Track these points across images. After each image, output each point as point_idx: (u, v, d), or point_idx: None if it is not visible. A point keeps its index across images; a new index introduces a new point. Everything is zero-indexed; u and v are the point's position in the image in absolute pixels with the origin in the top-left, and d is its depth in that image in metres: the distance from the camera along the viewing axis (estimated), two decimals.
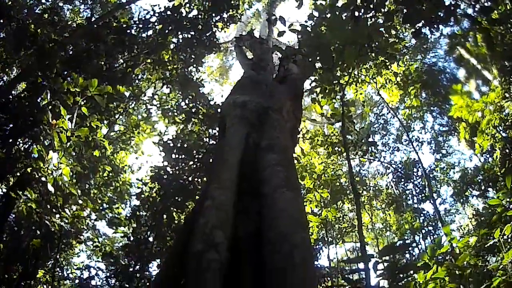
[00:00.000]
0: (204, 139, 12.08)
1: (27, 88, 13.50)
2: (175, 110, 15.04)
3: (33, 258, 9.59)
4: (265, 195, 5.23)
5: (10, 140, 11.41)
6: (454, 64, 24.96)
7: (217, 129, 10.41)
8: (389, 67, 17.52)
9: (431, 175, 24.37)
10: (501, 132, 17.81)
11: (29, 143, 11.54)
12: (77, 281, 14.79)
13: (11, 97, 13.56)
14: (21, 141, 11.77)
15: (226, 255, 4.54)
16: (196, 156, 11.49)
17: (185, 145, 11.74)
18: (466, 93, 20.65)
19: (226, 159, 6.07)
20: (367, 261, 5.65)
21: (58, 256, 11.72)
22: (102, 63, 14.04)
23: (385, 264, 6.33)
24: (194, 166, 11.40)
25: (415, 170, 23.83)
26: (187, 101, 14.61)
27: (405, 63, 22.71)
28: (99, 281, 13.64)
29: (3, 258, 9.89)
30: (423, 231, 22.06)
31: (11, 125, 11.63)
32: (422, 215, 22.65)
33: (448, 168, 26.42)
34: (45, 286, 11.49)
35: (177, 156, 11.64)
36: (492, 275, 8.67)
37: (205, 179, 10.15)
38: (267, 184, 5.38)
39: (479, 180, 21.31)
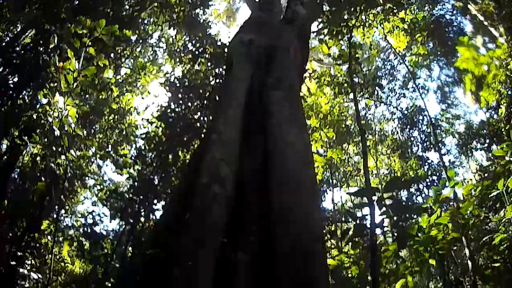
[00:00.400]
0: (211, 78, 11.97)
1: (33, 39, 13.31)
2: (181, 51, 14.89)
3: (38, 208, 9.58)
4: (271, 131, 5.22)
5: (14, 95, 11.33)
6: (461, 18, 24.68)
7: (224, 67, 10.33)
8: (397, 14, 17.25)
9: (436, 125, 24.21)
10: (507, 90, 17.68)
11: (35, 92, 11.44)
12: (81, 230, 14.99)
13: (16, 49, 13.41)
14: (26, 92, 11.70)
15: (232, 190, 4.56)
16: (203, 95, 11.41)
17: (192, 84, 11.66)
18: (473, 46, 20.50)
19: (233, 96, 6.04)
20: (372, 194, 5.66)
21: (62, 197, 11.78)
22: (109, 9, 13.84)
23: (389, 201, 6.33)
24: (201, 104, 11.34)
25: (420, 118, 23.65)
26: (193, 42, 14.46)
27: (413, 12, 22.38)
28: (104, 227, 13.77)
29: (8, 213, 9.86)
30: (427, 180, 21.99)
31: (15, 78, 11.55)
32: (426, 163, 22.56)
33: (453, 118, 26.28)
34: (49, 237, 11.54)
35: (183, 95, 11.56)
36: (491, 234, 8.63)
37: (211, 117, 10.11)
38: (273, 119, 5.36)
39: (484, 134, 21.18)
